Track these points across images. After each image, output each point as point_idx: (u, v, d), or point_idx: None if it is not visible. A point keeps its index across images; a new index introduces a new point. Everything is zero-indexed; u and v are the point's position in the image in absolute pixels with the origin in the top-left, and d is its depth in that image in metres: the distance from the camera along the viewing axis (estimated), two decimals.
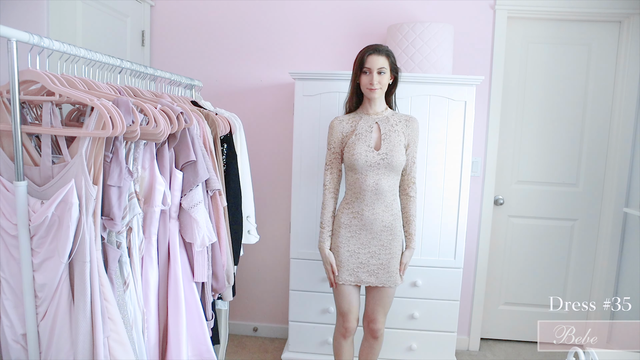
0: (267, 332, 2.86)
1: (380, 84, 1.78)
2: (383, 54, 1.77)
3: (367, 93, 1.82)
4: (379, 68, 1.76)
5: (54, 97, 1.22)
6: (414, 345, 2.34)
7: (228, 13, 2.66)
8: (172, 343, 1.37)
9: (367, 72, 1.78)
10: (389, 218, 1.84)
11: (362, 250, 1.85)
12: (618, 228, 2.61)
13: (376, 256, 1.85)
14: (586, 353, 1.66)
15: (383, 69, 1.77)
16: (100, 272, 1.18)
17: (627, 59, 2.52)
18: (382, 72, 1.78)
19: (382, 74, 1.78)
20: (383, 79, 1.79)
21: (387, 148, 1.81)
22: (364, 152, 1.80)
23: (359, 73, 1.80)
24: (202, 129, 1.57)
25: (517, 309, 2.81)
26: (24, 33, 1.14)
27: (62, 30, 1.85)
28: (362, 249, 1.85)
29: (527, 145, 2.68)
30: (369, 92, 1.80)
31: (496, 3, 2.52)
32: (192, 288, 1.45)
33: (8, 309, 1.23)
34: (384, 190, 1.82)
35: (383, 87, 1.81)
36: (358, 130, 1.85)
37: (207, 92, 2.58)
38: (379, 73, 1.77)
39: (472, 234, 2.64)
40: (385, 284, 1.87)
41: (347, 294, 1.90)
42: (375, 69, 1.76)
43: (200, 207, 1.41)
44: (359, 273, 1.86)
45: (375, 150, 1.82)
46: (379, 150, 1.81)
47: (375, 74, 1.76)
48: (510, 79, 2.63)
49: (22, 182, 1.17)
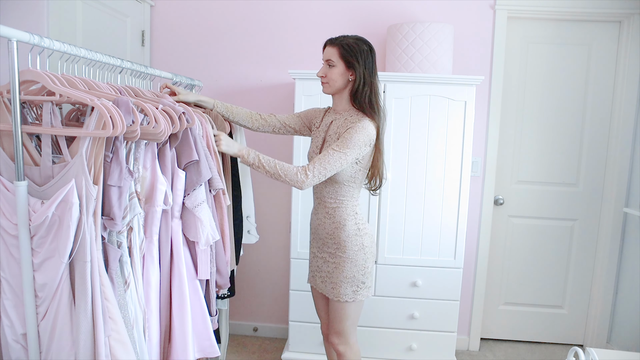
0: (267, 332, 2.86)
1: (327, 77, 1.61)
2: (335, 44, 1.59)
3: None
4: (327, 60, 1.61)
5: (55, 97, 1.22)
6: (414, 345, 2.34)
7: (228, 13, 2.66)
8: (177, 341, 1.37)
9: (323, 64, 1.65)
10: (330, 226, 1.68)
11: (318, 255, 1.77)
12: (618, 228, 2.61)
13: (326, 263, 1.73)
14: (586, 353, 1.67)
15: (330, 61, 1.60)
16: (100, 272, 1.18)
17: (627, 59, 2.52)
18: (331, 64, 1.60)
19: (331, 67, 1.60)
20: (331, 72, 1.60)
21: None
22: (311, 153, 1.76)
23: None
24: (205, 129, 1.57)
25: (517, 309, 2.81)
26: (25, 33, 1.14)
27: (62, 30, 1.85)
28: (317, 253, 1.77)
29: (527, 145, 2.69)
30: (322, 85, 1.66)
31: (496, 3, 2.52)
32: (195, 285, 1.45)
33: (8, 308, 1.23)
34: (324, 197, 1.69)
35: (331, 82, 1.61)
36: (318, 127, 1.75)
37: (207, 92, 2.58)
38: (329, 66, 1.61)
39: (472, 234, 2.64)
40: (328, 295, 1.72)
41: (314, 297, 1.87)
42: (324, 60, 1.62)
43: (204, 206, 1.41)
44: (316, 278, 1.78)
45: (319, 153, 1.67)
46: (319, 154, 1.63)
47: (323, 66, 1.62)
48: (510, 79, 2.63)
49: (23, 182, 1.17)
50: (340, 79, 1.61)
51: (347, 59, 1.58)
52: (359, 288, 1.69)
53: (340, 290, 1.67)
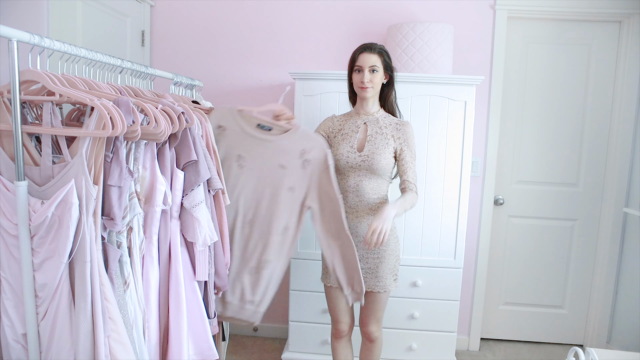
0: (267, 332, 2.86)
1: (372, 82, 1.74)
2: (375, 51, 1.74)
3: (359, 92, 1.79)
4: (371, 66, 1.73)
5: (55, 97, 1.22)
6: (414, 345, 2.34)
7: (228, 13, 2.66)
8: (174, 342, 1.37)
9: (358, 71, 1.76)
10: None
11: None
12: (618, 228, 2.61)
13: (364, 260, 1.80)
14: (586, 353, 1.67)
15: (375, 67, 1.73)
16: (100, 272, 1.18)
17: (627, 59, 2.52)
18: (375, 70, 1.74)
19: (374, 72, 1.74)
20: (375, 77, 1.74)
21: (370, 150, 1.77)
22: (346, 153, 1.79)
23: (351, 71, 1.79)
24: (205, 129, 1.57)
25: (517, 309, 2.81)
26: (25, 33, 1.14)
27: (62, 30, 1.85)
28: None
29: (527, 145, 2.69)
30: (360, 90, 1.77)
31: (496, 3, 2.52)
32: (193, 287, 1.45)
33: (8, 308, 1.23)
34: (366, 192, 1.78)
35: (375, 86, 1.76)
36: (344, 130, 1.83)
37: (207, 92, 2.58)
38: (372, 71, 1.74)
39: (472, 234, 2.64)
40: (373, 289, 1.81)
41: (335, 297, 1.88)
42: (366, 67, 1.73)
43: (202, 206, 1.41)
44: None
45: (358, 151, 1.79)
46: (361, 152, 1.78)
47: (367, 72, 1.73)
48: (510, 79, 2.63)
49: (23, 182, 1.17)
50: (380, 82, 1.79)
51: (388, 65, 1.78)
52: (396, 276, 1.86)
53: (386, 282, 1.81)
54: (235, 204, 1.71)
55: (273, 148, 1.72)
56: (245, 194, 1.72)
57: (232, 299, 1.73)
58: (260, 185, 1.71)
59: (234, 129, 1.73)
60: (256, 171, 1.71)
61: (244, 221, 1.72)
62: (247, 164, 1.71)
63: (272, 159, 1.71)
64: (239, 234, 1.73)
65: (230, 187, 1.70)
